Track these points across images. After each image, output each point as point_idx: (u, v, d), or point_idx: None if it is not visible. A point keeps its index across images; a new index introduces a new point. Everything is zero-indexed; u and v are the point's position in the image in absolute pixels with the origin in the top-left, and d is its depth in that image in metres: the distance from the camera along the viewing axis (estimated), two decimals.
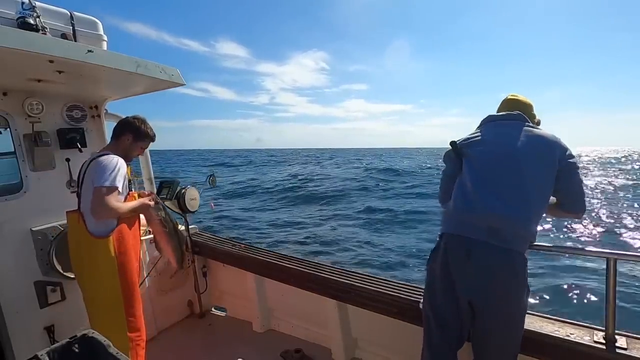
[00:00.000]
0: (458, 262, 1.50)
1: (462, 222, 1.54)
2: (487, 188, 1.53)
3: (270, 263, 2.72)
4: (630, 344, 1.48)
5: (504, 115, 1.70)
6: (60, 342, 0.90)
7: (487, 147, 1.62)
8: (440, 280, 1.57)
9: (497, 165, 1.56)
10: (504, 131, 1.64)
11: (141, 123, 2.11)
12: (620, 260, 1.46)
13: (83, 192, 1.94)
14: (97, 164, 1.90)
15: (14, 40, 1.51)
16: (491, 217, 1.46)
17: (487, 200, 1.50)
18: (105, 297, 1.91)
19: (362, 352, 2.55)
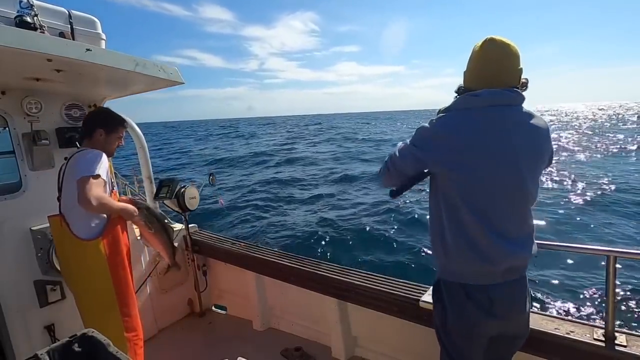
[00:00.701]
0: (479, 313, 1.31)
1: (475, 273, 1.30)
2: (496, 229, 1.25)
3: (271, 261, 2.72)
4: (630, 342, 1.48)
5: (501, 98, 1.24)
6: (60, 341, 0.90)
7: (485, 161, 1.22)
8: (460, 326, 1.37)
9: (503, 189, 1.25)
10: (500, 126, 1.23)
11: (106, 114, 2.05)
12: (620, 258, 1.46)
13: (63, 193, 1.90)
14: (76, 159, 1.85)
15: (12, 39, 1.50)
16: (508, 262, 1.28)
17: (502, 246, 1.26)
18: (98, 300, 1.88)
19: (363, 350, 2.55)
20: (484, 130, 1.23)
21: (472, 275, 1.31)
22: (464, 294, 1.32)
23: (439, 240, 1.37)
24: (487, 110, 1.24)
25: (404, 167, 1.38)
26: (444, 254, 1.36)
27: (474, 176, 1.23)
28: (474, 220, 1.25)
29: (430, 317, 1.86)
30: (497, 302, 1.30)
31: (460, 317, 1.34)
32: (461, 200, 1.26)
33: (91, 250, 1.84)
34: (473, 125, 1.24)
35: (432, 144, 1.28)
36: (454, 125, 1.26)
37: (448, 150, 1.25)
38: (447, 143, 1.25)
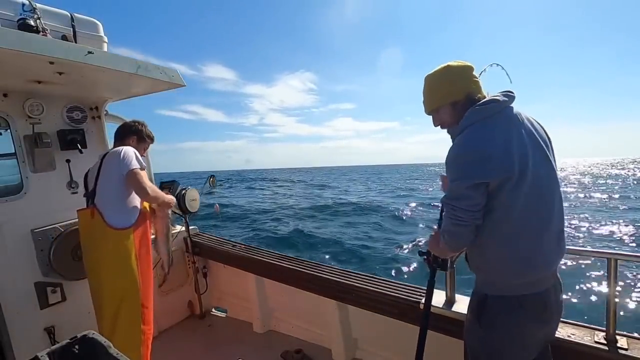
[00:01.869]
0: (534, 320, 1.27)
1: (529, 283, 1.25)
2: (553, 229, 1.24)
3: (271, 264, 2.72)
4: (631, 345, 1.48)
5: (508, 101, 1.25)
6: (60, 343, 0.90)
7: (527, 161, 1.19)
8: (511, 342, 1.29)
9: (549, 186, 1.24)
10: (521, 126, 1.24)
11: (143, 126, 2.24)
12: (621, 261, 1.46)
13: (101, 186, 1.95)
14: (115, 155, 1.95)
15: (14, 42, 1.51)
16: (558, 261, 1.31)
17: (558, 247, 1.27)
18: (123, 288, 1.93)
19: (363, 352, 2.54)
20: (515, 130, 1.22)
21: (526, 286, 1.24)
22: (518, 305, 1.25)
23: (488, 255, 1.28)
24: (505, 111, 1.25)
25: (470, 205, 1.21)
26: (495, 268, 1.28)
27: (527, 176, 1.17)
28: (535, 225, 1.21)
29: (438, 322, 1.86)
30: (548, 307, 1.28)
31: (518, 332, 1.27)
32: (522, 206, 1.18)
33: (123, 239, 1.93)
34: (505, 127, 1.21)
35: (483, 158, 1.17)
36: (489, 134, 1.20)
37: (501, 158, 1.16)
38: (497, 151, 1.17)
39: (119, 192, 1.96)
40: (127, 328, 1.94)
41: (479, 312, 1.34)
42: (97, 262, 1.94)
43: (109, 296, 1.92)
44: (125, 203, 1.98)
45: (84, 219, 1.99)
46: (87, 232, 1.98)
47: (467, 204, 1.21)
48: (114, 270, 1.92)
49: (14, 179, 2.39)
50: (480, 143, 1.19)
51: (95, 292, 1.97)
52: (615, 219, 12.95)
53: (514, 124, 1.23)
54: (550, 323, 1.34)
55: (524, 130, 1.23)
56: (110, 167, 1.95)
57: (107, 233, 1.91)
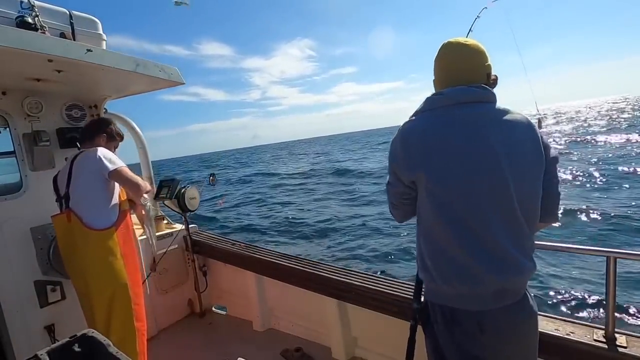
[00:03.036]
0: (469, 339, 1.17)
1: (459, 296, 1.15)
2: (479, 241, 1.10)
3: (271, 262, 2.72)
4: (630, 343, 1.48)
5: (467, 95, 1.14)
6: (60, 342, 0.90)
7: (459, 163, 1.09)
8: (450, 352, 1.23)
9: (484, 195, 1.09)
10: (472, 125, 1.12)
11: (112, 124, 2.22)
12: (620, 259, 1.46)
13: (76, 189, 1.92)
14: (90, 156, 1.92)
15: (12, 40, 1.50)
16: (496, 283, 1.11)
17: (487, 262, 1.09)
18: (112, 288, 1.92)
19: (362, 350, 2.55)
20: (453, 130, 1.12)
21: (457, 298, 1.16)
22: (450, 318, 1.18)
23: (419, 260, 1.25)
24: (454, 109, 1.14)
25: (396, 192, 1.24)
26: (425, 274, 1.23)
27: (448, 181, 1.10)
28: (451, 232, 1.11)
29: None
30: (487, 331, 1.14)
31: (451, 343, 1.20)
32: (437, 209, 1.12)
33: (106, 239, 1.91)
34: (440, 124, 1.14)
35: (401, 152, 1.17)
36: (419, 128, 1.17)
37: (417, 155, 1.13)
38: (415, 147, 1.14)
39: (96, 193, 1.93)
40: (121, 328, 1.93)
41: (422, 315, 1.35)
42: (81, 266, 1.92)
43: (99, 298, 1.91)
44: (104, 203, 1.95)
45: (60, 224, 1.95)
46: (65, 238, 1.95)
47: (391, 189, 1.27)
48: (100, 272, 1.89)
49: (13, 178, 2.39)
50: (406, 134, 1.18)
51: (84, 295, 1.94)
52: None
53: (459, 126, 1.12)
54: (493, 348, 1.17)
55: (469, 135, 1.11)
56: (86, 168, 1.91)
57: (88, 235, 1.88)
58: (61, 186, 1.98)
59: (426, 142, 1.13)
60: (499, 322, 1.14)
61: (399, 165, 1.19)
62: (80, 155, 1.97)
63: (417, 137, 1.16)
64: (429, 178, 1.12)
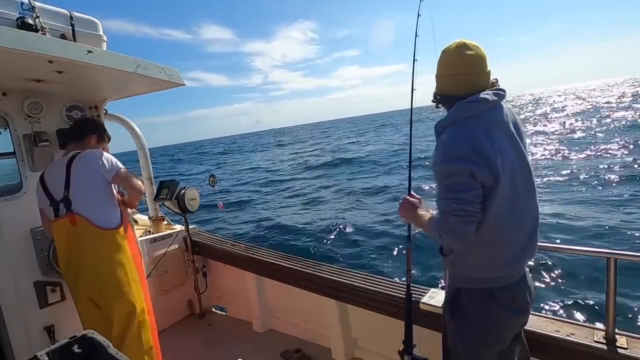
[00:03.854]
0: (506, 310, 1.33)
1: (499, 278, 1.31)
2: (528, 226, 1.32)
3: (270, 263, 2.72)
4: (630, 344, 1.48)
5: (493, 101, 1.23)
6: (60, 343, 0.90)
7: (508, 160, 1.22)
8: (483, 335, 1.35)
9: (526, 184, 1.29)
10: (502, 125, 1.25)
11: (100, 124, 2.25)
12: (621, 260, 1.46)
13: (79, 191, 1.90)
14: (90, 159, 1.91)
15: (13, 41, 1.51)
16: (531, 256, 1.36)
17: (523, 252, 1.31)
18: (129, 285, 1.94)
19: (362, 351, 2.54)
20: (495, 136, 1.21)
21: (498, 279, 1.31)
22: (489, 297, 1.31)
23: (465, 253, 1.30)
24: (487, 114, 1.23)
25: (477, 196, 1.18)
26: (469, 264, 1.32)
27: (504, 184, 1.18)
28: (511, 228, 1.26)
29: (429, 318, 1.86)
30: (517, 298, 1.33)
31: (489, 323, 1.33)
32: (500, 210, 1.21)
33: (116, 238, 1.93)
34: (486, 130, 1.20)
35: (474, 153, 1.16)
36: (476, 132, 1.20)
37: (485, 159, 1.16)
38: (481, 152, 1.16)
39: (101, 194, 1.93)
40: (137, 324, 1.96)
41: (452, 306, 1.40)
42: (94, 269, 1.89)
43: (118, 296, 1.90)
44: (110, 204, 1.97)
45: (61, 229, 1.90)
46: (70, 242, 1.90)
47: (473, 195, 1.16)
48: (115, 272, 1.90)
49: (13, 178, 2.39)
50: (471, 138, 1.19)
51: (99, 297, 1.91)
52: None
53: (498, 127, 1.23)
54: (522, 313, 1.38)
55: (505, 132, 1.25)
56: (87, 171, 1.90)
57: (101, 236, 1.87)
58: (56, 190, 1.93)
59: (486, 148, 1.17)
60: (522, 287, 1.34)
61: (477, 161, 1.16)
62: (78, 157, 1.94)
63: (478, 143, 1.18)
64: (496, 181, 1.17)
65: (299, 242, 8.65)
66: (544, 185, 10.41)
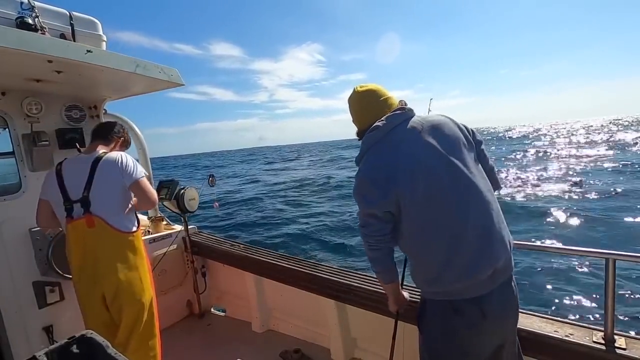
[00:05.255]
0: (471, 326, 1.27)
1: (455, 290, 1.26)
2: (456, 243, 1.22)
3: (270, 263, 2.72)
4: (629, 344, 1.48)
5: (393, 120, 1.32)
6: (58, 343, 0.90)
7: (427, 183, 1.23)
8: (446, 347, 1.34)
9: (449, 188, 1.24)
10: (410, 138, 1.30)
11: (127, 131, 2.26)
12: (619, 260, 1.46)
13: (100, 193, 1.85)
14: (117, 162, 1.90)
15: (12, 40, 1.51)
16: (484, 272, 1.23)
17: (472, 258, 1.21)
18: (145, 289, 1.96)
19: (362, 352, 2.54)
20: (401, 150, 1.28)
21: (459, 290, 1.26)
22: (452, 311, 1.27)
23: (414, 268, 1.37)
24: (391, 134, 1.32)
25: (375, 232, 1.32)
26: (418, 276, 1.36)
27: (419, 194, 1.23)
28: (442, 233, 1.24)
29: None
30: (489, 315, 1.24)
31: (452, 337, 1.30)
32: (421, 218, 1.26)
33: (134, 242, 1.95)
34: (391, 150, 1.29)
35: (374, 189, 1.28)
36: (375, 162, 1.32)
37: (391, 184, 1.25)
38: (385, 180, 1.26)
39: (122, 198, 1.92)
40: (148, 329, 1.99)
41: (419, 316, 1.42)
42: (112, 268, 1.86)
43: (132, 299, 1.90)
44: (129, 208, 1.96)
45: (78, 229, 1.84)
46: (87, 243, 1.85)
47: (370, 231, 1.32)
48: (133, 273, 1.91)
49: (12, 178, 2.39)
50: (367, 173, 1.32)
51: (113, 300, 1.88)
52: None
53: (403, 143, 1.29)
54: (495, 330, 1.30)
55: (417, 144, 1.28)
56: (111, 174, 1.88)
57: (119, 238, 1.88)
58: (75, 189, 1.86)
59: (389, 170, 1.27)
60: (496, 301, 1.26)
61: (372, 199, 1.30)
62: (104, 159, 1.89)
63: (379, 170, 1.30)
64: (410, 194, 1.24)
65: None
66: None
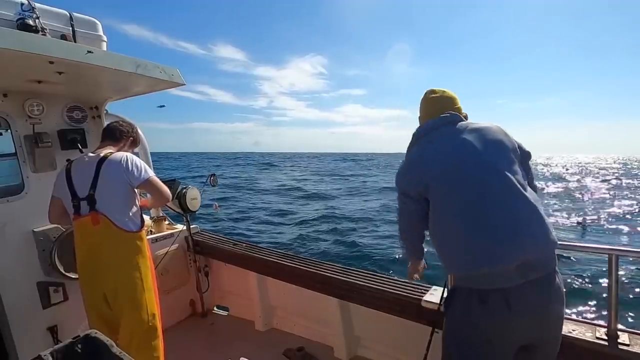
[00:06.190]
0: (495, 318, 1.25)
1: (482, 278, 1.26)
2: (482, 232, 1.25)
3: (272, 262, 2.72)
4: (632, 340, 1.48)
5: (441, 120, 1.46)
6: (63, 342, 0.90)
7: (451, 170, 1.34)
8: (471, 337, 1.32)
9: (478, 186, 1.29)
10: (449, 135, 1.42)
11: (137, 130, 2.27)
12: (622, 257, 1.46)
13: (105, 192, 1.87)
14: (122, 161, 1.91)
15: (13, 42, 1.51)
16: (511, 261, 1.21)
17: (497, 248, 1.22)
18: (146, 290, 1.95)
19: (365, 350, 2.55)
20: (437, 143, 1.42)
21: (473, 279, 1.27)
22: (479, 300, 1.26)
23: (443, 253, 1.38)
24: (434, 131, 1.46)
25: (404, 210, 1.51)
26: (446, 262, 1.37)
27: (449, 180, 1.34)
28: (464, 220, 1.29)
29: (431, 316, 1.87)
30: (514, 307, 1.22)
31: (477, 325, 1.29)
32: (446, 205, 1.34)
33: (139, 241, 1.95)
34: (429, 143, 1.44)
35: (408, 173, 1.47)
36: (416, 152, 1.48)
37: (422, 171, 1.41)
38: (418, 167, 1.44)
39: (126, 198, 1.93)
40: (149, 329, 1.97)
41: (447, 303, 1.43)
42: (114, 266, 1.88)
43: (133, 298, 1.90)
44: (133, 207, 1.97)
45: (83, 227, 1.88)
46: (90, 240, 1.88)
47: (404, 208, 1.50)
48: (135, 272, 1.91)
49: (14, 179, 2.40)
50: (407, 160, 1.50)
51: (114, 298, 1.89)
52: None
53: (442, 137, 1.43)
54: (521, 327, 1.26)
55: (453, 140, 1.40)
56: (116, 174, 1.89)
57: (122, 237, 1.88)
58: (82, 187, 1.89)
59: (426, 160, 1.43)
60: (526, 295, 1.22)
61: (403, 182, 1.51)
62: (109, 158, 1.91)
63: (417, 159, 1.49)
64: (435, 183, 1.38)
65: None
66: None
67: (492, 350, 1.28)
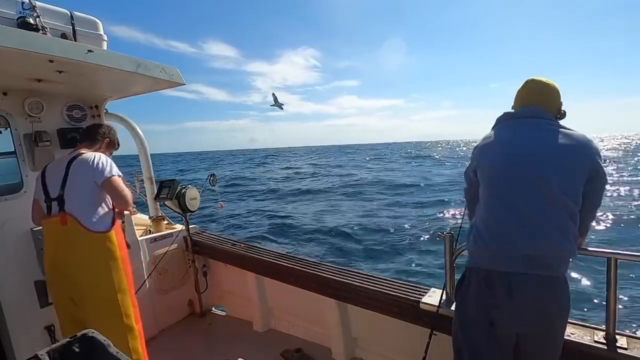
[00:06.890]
0: (498, 302, 1.36)
1: (492, 257, 1.39)
2: (512, 207, 1.37)
3: (271, 262, 2.72)
4: (631, 344, 1.48)
5: (520, 112, 1.51)
6: (60, 342, 0.90)
7: (498, 156, 1.45)
8: (476, 317, 1.44)
9: (514, 178, 1.39)
10: (519, 128, 1.47)
11: (115, 133, 2.24)
12: (621, 260, 1.46)
13: (73, 192, 1.88)
14: (90, 161, 1.90)
15: (14, 40, 1.51)
16: (521, 247, 1.33)
17: (514, 232, 1.35)
18: (115, 291, 1.90)
19: (363, 351, 2.55)
20: (497, 133, 1.52)
21: (484, 258, 1.41)
22: (475, 279, 1.43)
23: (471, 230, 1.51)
24: (505, 123, 1.55)
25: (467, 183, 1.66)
26: (473, 233, 1.49)
27: (492, 165, 1.47)
28: (493, 201, 1.43)
29: (429, 318, 1.86)
30: (514, 294, 1.32)
31: (465, 296, 1.47)
32: (485, 186, 1.48)
33: (107, 242, 1.90)
34: (494, 132, 1.55)
35: (473, 153, 1.63)
36: (484, 137, 1.59)
37: (478, 152, 1.57)
38: (479, 147, 1.58)
39: (94, 197, 1.91)
40: (123, 331, 1.92)
41: (459, 284, 1.55)
42: (78, 270, 1.86)
43: (102, 300, 1.88)
44: (102, 206, 1.94)
45: (52, 227, 1.88)
46: (58, 241, 1.88)
47: (466, 181, 1.67)
48: (103, 275, 1.87)
49: (13, 178, 2.39)
50: (478, 146, 1.59)
51: (81, 299, 1.88)
52: None
53: (505, 129, 1.52)
54: (517, 313, 1.35)
55: (512, 134, 1.47)
56: (83, 173, 1.89)
57: (89, 238, 1.85)
58: (53, 187, 1.91)
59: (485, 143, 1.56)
60: (526, 288, 1.32)
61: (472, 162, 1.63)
62: (78, 158, 1.93)
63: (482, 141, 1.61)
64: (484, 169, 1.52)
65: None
66: None
67: (493, 334, 1.40)
